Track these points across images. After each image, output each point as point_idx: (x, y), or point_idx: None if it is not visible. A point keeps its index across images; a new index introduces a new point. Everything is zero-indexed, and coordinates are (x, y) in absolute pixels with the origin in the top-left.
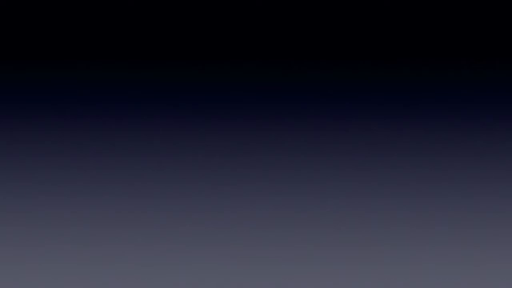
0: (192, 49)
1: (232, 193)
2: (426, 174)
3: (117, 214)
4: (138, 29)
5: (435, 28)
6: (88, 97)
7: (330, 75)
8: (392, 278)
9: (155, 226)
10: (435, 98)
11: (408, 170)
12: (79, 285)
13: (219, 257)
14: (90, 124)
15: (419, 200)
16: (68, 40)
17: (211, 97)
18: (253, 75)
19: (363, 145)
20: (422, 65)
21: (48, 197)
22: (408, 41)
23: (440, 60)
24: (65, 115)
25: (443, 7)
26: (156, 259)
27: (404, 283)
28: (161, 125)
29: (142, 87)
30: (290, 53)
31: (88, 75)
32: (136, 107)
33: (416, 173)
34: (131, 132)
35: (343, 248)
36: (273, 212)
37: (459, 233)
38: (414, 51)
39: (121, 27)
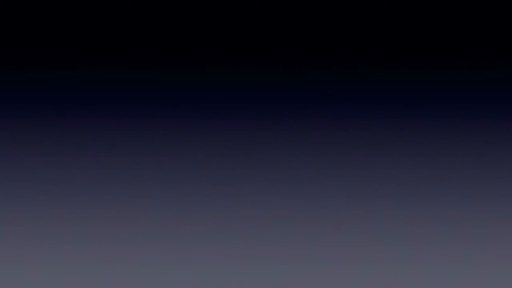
0: (192, 49)
1: (232, 193)
2: (426, 174)
3: (117, 214)
4: (138, 29)
5: (435, 28)
6: (88, 97)
7: (330, 75)
8: (392, 278)
9: (155, 226)
10: (435, 98)
11: (408, 170)
12: (79, 285)
13: (219, 257)
14: (90, 124)
15: (419, 200)
16: (68, 40)
17: (211, 97)
18: (253, 75)
19: (363, 145)
20: (422, 65)
21: (48, 197)
22: (408, 41)
23: (440, 60)
24: (65, 115)
25: (443, 7)
26: (156, 259)
27: (404, 283)
28: (161, 125)
29: (142, 87)
30: (290, 53)
31: (88, 75)
32: (136, 107)
33: (416, 173)
34: (131, 132)
35: (343, 248)
36: (273, 212)
37: (459, 233)
38: (414, 51)
39: (121, 27)
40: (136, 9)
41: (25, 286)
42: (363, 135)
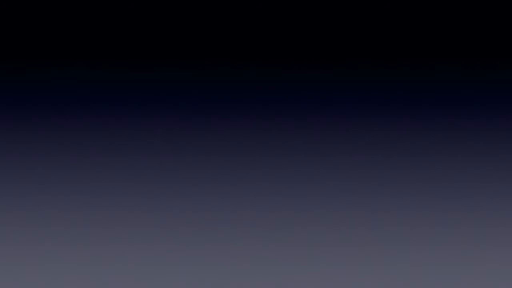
0: (192, 49)
1: (232, 193)
2: (426, 174)
3: (117, 214)
4: (138, 29)
5: (435, 28)
6: (88, 97)
7: (330, 75)
8: (392, 278)
9: (155, 226)
10: (435, 98)
11: (408, 170)
12: (79, 285)
13: (219, 257)
14: (90, 124)
15: (419, 200)
16: (68, 40)
17: (211, 97)
18: (253, 75)
19: (363, 145)
20: (422, 65)
21: (48, 197)
22: (408, 41)
23: (440, 60)
24: (65, 115)
25: (443, 7)
26: (156, 259)
27: (404, 283)
28: (161, 125)
29: (142, 87)
30: (290, 53)
31: (88, 75)
32: (136, 107)
33: (416, 173)
34: (131, 132)
35: (343, 248)
36: (273, 212)
37: (459, 233)
38: (414, 51)
39: (121, 27)
40: (136, 9)
41: (25, 286)
42: (363, 135)
